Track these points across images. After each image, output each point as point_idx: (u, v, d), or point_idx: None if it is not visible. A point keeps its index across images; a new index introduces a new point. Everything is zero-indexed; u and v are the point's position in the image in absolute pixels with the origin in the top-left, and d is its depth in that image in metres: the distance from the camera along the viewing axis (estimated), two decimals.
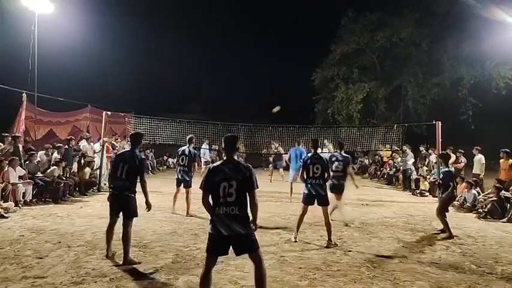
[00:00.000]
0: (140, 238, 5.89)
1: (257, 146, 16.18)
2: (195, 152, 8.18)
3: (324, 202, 6.00)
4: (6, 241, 5.71)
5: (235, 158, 3.63)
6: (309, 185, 6.04)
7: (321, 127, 18.44)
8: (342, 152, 7.50)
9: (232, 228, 3.38)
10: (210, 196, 3.51)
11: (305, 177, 6.10)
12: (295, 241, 6.08)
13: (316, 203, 6.04)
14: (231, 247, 3.46)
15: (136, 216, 4.92)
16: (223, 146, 3.66)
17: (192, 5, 27.29)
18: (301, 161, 7.33)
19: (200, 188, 3.56)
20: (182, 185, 7.94)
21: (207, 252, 3.54)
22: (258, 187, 3.53)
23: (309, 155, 6.32)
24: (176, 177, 8.02)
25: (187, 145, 8.05)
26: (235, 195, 3.40)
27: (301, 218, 6.19)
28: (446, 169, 7.10)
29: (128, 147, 13.47)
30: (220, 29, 29.06)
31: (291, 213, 8.35)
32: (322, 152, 8.93)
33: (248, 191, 3.47)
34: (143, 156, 5.12)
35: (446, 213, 6.91)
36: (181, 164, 7.90)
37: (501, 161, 10.31)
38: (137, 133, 5.61)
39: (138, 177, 4.93)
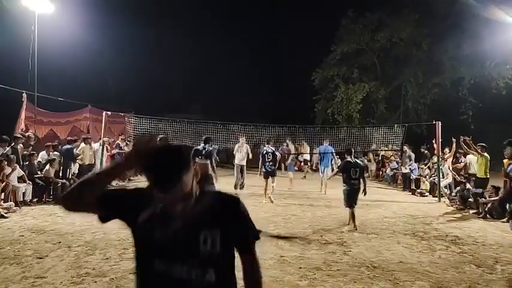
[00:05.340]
0: None
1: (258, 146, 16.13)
2: None
3: (274, 175, 9.90)
4: (6, 241, 5.71)
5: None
6: (267, 166, 9.73)
7: (321, 127, 18.42)
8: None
9: None
10: None
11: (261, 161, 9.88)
12: (265, 202, 9.44)
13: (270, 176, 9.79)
14: None
15: None
16: None
17: (192, 4, 27.31)
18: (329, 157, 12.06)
19: None
20: None
21: None
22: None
23: (265, 148, 9.99)
24: None
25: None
26: None
27: (266, 186, 9.73)
28: None
29: (126, 147, 13.62)
30: (220, 28, 29.04)
31: (291, 213, 8.37)
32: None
33: None
34: (210, 149, 8.31)
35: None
36: None
37: (505, 161, 10.29)
38: (208, 137, 8.56)
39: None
